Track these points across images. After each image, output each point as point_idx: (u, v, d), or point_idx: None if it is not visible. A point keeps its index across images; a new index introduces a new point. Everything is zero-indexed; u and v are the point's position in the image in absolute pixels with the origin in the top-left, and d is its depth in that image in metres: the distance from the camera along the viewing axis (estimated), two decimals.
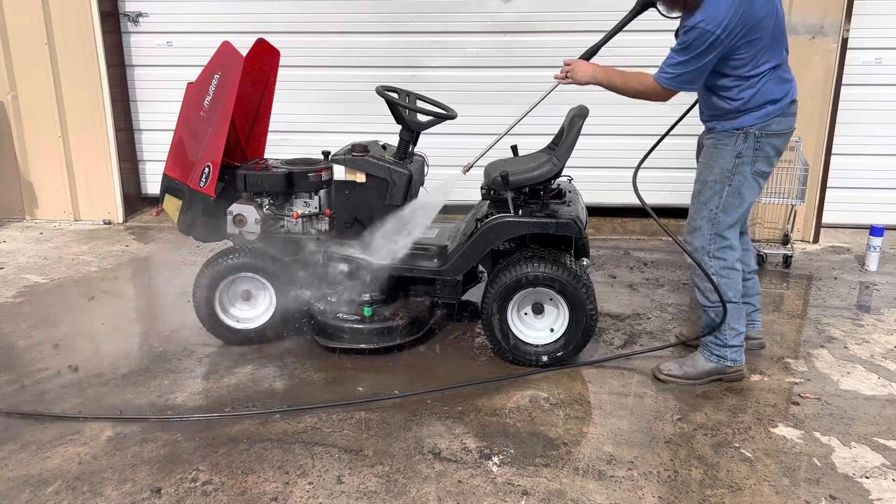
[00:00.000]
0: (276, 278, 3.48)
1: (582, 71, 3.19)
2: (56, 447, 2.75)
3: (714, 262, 3.05)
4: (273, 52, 3.77)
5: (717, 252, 3.04)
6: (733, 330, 3.12)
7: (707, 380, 3.20)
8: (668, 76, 2.94)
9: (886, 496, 2.49)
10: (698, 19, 2.75)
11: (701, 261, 3.07)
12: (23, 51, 5.51)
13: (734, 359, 3.16)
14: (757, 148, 2.94)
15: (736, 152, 2.96)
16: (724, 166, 2.98)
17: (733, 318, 3.09)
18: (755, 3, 2.74)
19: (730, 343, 3.13)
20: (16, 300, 4.21)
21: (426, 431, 2.86)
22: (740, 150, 2.95)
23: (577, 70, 3.20)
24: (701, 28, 2.75)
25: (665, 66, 2.92)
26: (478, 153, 3.47)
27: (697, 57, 2.82)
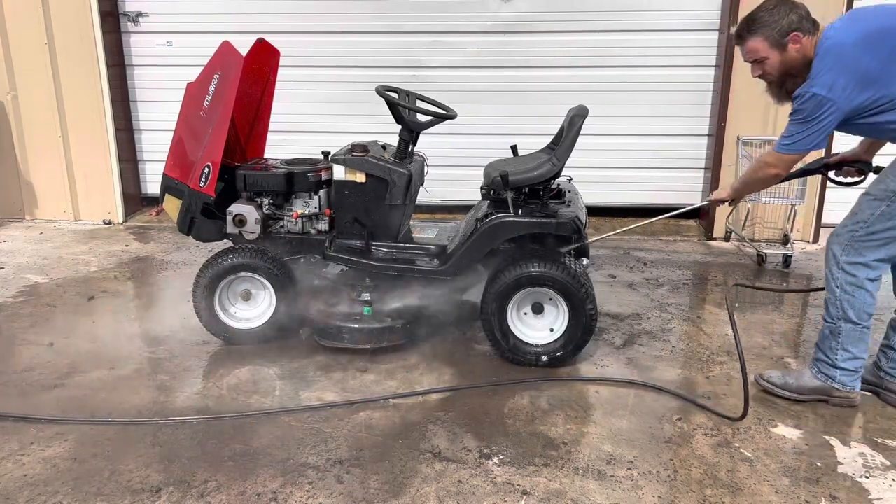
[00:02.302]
0: (275, 278, 3.48)
1: (721, 193, 3.27)
2: (55, 447, 2.75)
3: (841, 275, 2.85)
4: (273, 52, 3.77)
5: (847, 265, 2.84)
6: (847, 352, 2.90)
7: (810, 397, 3.02)
8: (788, 143, 2.79)
9: (886, 496, 2.49)
10: (806, 86, 2.69)
11: (829, 269, 2.91)
12: (23, 51, 5.51)
13: (843, 382, 2.95)
14: None
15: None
16: (892, 185, 2.74)
17: (849, 339, 2.89)
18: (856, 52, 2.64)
19: (840, 365, 2.92)
20: (16, 300, 4.21)
21: (426, 431, 2.86)
22: None
23: (719, 194, 3.29)
24: (810, 93, 2.67)
25: (784, 135, 2.82)
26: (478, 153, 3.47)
27: (815, 121, 2.69)
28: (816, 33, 2.74)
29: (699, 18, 5.35)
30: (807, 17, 2.75)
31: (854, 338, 2.90)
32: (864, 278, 2.83)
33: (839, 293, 2.87)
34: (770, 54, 2.77)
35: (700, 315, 4.05)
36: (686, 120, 5.53)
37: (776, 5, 2.75)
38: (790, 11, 2.73)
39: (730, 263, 4.91)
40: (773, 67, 2.79)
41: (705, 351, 3.58)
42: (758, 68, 2.84)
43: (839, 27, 2.73)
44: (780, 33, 2.72)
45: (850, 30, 2.70)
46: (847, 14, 2.80)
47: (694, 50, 5.41)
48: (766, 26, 2.73)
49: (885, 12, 2.76)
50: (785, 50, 2.74)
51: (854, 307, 2.86)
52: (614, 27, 5.41)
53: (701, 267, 4.86)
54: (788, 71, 2.78)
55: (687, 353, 3.57)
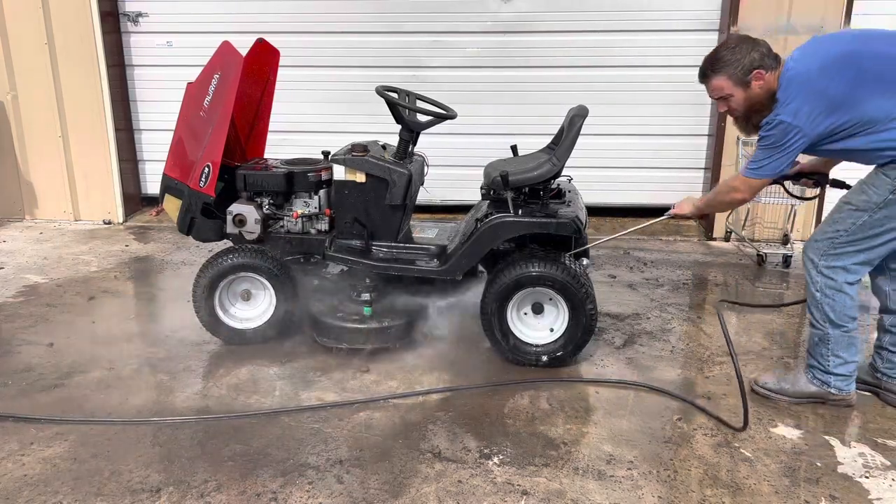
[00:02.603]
0: (275, 278, 3.48)
1: (685, 206, 3.25)
2: (55, 447, 2.75)
3: (820, 279, 2.87)
4: (273, 52, 3.77)
5: (825, 268, 2.86)
6: (838, 357, 2.92)
7: (807, 401, 3.03)
8: (756, 168, 2.84)
9: (886, 496, 2.49)
10: (779, 114, 2.72)
11: (808, 274, 2.93)
12: (23, 51, 5.51)
13: (838, 387, 2.96)
14: None
15: (893, 187, 2.70)
16: (874, 197, 2.74)
17: (839, 345, 2.90)
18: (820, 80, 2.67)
19: (833, 370, 2.94)
20: (16, 300, 4.21)
21: (426, 431, 2.86)
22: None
23: (682, 206, 3.26)
24: (777, 121, 2.71)
25: (752, 160, 2.86)
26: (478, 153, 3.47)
27: (782, 147, 2.74)
28: (779, 67, 2.78)
29: (699, 18, 5.35)
30: (768, 53, 2.79)
31: (843, 343, 2.92)
32: (843, 282, 2.86)
33: (819, 297, 2.90)
34: (734, 91, 2.82)
35: (700, 315, 4.05)
36: (686, 120, 5.53)
37: (738, 44, 2.80)
38: (752, 49, 2.77)
39: (730, 263, 4.91)
40: (738, 104, 2.85)
41: (705, 351, 3.58)
42: (723, 105, 2.90)
43: (799, 57, 2.77)
44: (743, 71, 2.77)
45: (812, 57, 2.74)
46: (805, 44, 2.84)
47: (694, 50, 5.36)
48: (729, 65, 2.78)
49: (844, 38, 2.84)
50: (749, 87, 2.79)
51: (835, 310, 2.88)
52: (614, 27, 5.41)
53: (701, 267, 4.86)
54: (753, 107, 2.84)
55: (687, 353, 3.57)
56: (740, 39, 2.82)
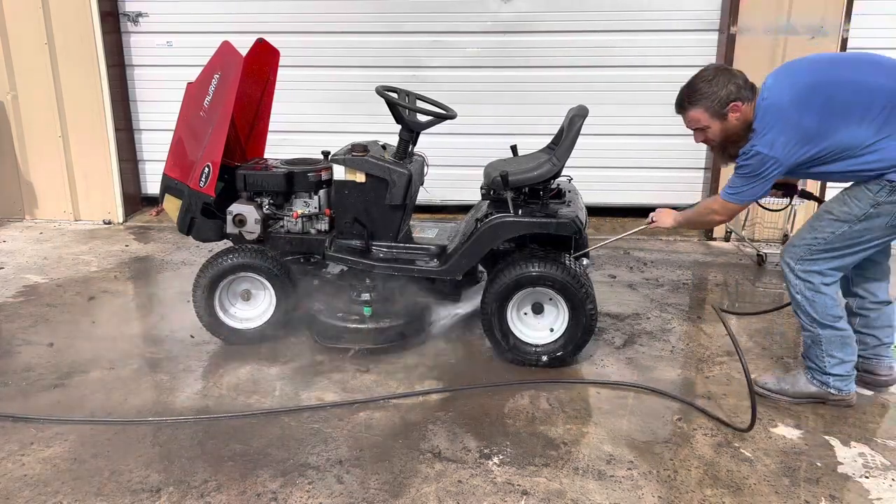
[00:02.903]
0: (275, 278, 3.48)
1: (665, 218, 3.24)
2: (55, 447, 2.75)
3: (798, 283, 2.90)
4: (273, 52, 3.77)
5: (801, 272, 2.88)
6: (834, 358, 2.93)
7: (807, 401, 3.03)
8: (733, 193, 2.88)
9: (886, 496, 2.49)
10: (755, 144, 2.74)
11: (786, 279, 2.96)
12: (23, 51, 5.50)
13: (837, 387, 2.96)
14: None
15: (875, 201, 2.72)
16: (855, 210, 2.76)
17: (832, 345, 2.91)
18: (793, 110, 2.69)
19: (829, 371, 2.94)
20: (16, 300, 4.21)
21: (426, 431, 2.86)
22: (880, 201, 2.71)
23: (662, 217, 3.25)
24: (754, 152, 2.74)
25: (730, 185, 2.90)
26: (478, 153, 3.48)
27: (759, 176, 2.78)
28: (755, 98, 2.80)
29: (699, 18, 5.35)
30: (745, 84, 2.80)
31: (836, 343, 2.93)
32: (820, 283, 2.88)
33: (801, 299, 2.92)
34: (711, 123, 2.84)
35: (700, 315, 4.05)
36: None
37: (715, 76, 2.81)
38: (728, 82, 2.78)
39: (730, 263, 4.91)
40: (715, 135, 2.87)
41: (705, 351, 3.58)
42: (700, 135, 2.93)
43: (772, 85, 2.79)
44: (720, 104, 2.79)
45: (783, 88, 2.76)
46: (778, 71, 2.86)
47: (694, 50, 5.40)
48: (706, 98, 2.80)
49: (813, 66, 2.84)
50: (725, 119, 2.81)
51: (818, 311, 2.90)
52: (614, 27, 5.40)
53: (701, 267, 4.86)
54: (729, 137, 2.87)
55: (687, 353, 3.57)
56: (717, 71, 2.83)
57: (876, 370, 3.14)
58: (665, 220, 3.23)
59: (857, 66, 2.80)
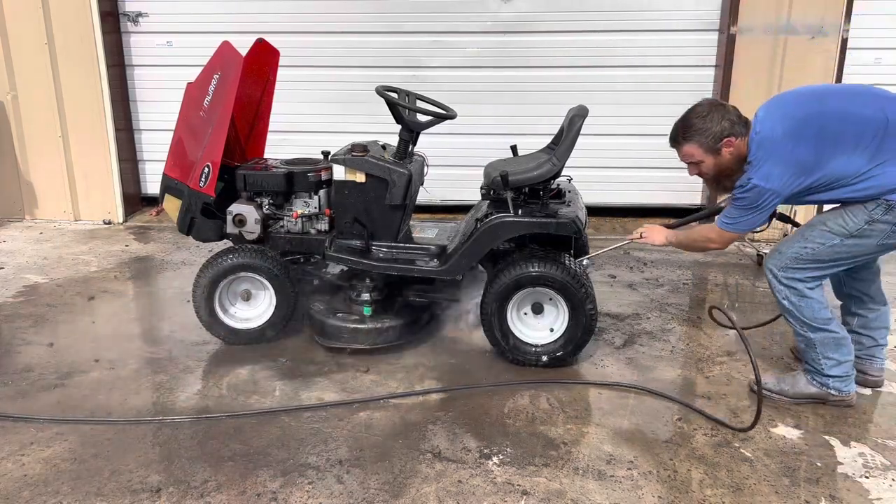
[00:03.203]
0: (275, 278, 3.48)
1: (657, 235, 3.24)
2: (55, 447, 2.75)
3: (783, 289, 2.92)
4: (273, 52, 3.77)
5: (785, 279, 2.91)
6: (830, 359, 2.93)
7: (807, 401, 3.03)
8: (731, 223, 2.91)
9: (886, 496, 2.49)
10: (752, 177, 2.77)
11: (771, 286, 2.97)
12: (23, 51, 5.50)
13: (837, 388, 2.97)
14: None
15: (870, 219, 2.75)
16: (850, 225, 2.78)
17: (827, 347, 2.92)
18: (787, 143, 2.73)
19: (827, 372, 2.95)
20: (16, 300, 4.21)
21: (426, 431, 2.86)
22: (875, 219, 2.74)
23: (653, 234, 3.25)
24: (751, 184, 2.77)
25: (728, 214, 2.92)
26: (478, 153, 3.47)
27: (757, 207, 2.82)
28: (748, 132, 2.83)
29: (699, 18, 5.35)
30: (738, 120, 2.83)
31: (830, 345, 2.94)
32: (804, 288, 2.90)
33: (787, 305, 2.94)
34: (704, 158, 2.87)
35: (700, 315, 4.05)
36: None
37: (709, 112, 2.84)
38: (722, 118, 2.81)
39: (730, 263, 4.91)
40: (709, 169, 2.90)
41: (705, 351, 3.58)
42: (694, 168, 2.96)
43: (764, 118, 2.82)
44: (714, 139, 2.81)
45: (775, 121, 2.78)
46: (769, 103, 2.89)
47: (694, 50, 5.41)
48: (700, 133, 2.83)
49: (804, 98, 2.88)
50: (719, 154, 2.84)
51: (806, 315, 2.91)
52: (614, 27, 5.41)
53: (701, 267, 4.86)
54: (723, 172, 2.90)
55: (687, 353, 3.57)
56: (711, 107, 2.86)
57: (868, 370, 3.16)
58: (656, 238, 3.24)
59: (844, 97, 2.87)
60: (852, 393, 3.00)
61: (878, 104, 2.76)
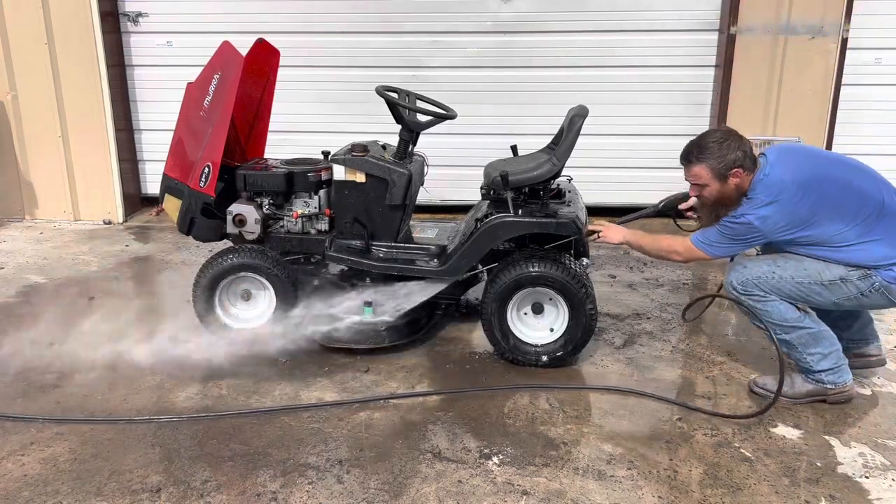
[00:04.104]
0: (275, 278, 3.47)
1: (614, 234, 3.28)
2: (55, 447, 2.75)
3: (745, 298, 2.96)
4: (273, 52, 3.77)
5: (743, 290, 2.95)
6: (815, 354, 2.95)
7: (807, 400, 3.03)
8: (706, 244, 2.99)
9: (886, 496, 2.49)
10: (748, 213, 2.83)
11: (731, 294, 2.99)
12: (23, 51, 5.50)
13: (832, 381, 2.98)
14: (865, 294, 2.85)
15: (846, 276, 2.85)
16: (825, 274, 2.86)
17: (806, 344, 2.94)
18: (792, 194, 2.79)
19: (816, 368, 2.96)
20: (16, 300, 4.21)
21: (426, 431, 2.86)
22: (850, 279, 2.84)
23: (610, 232, 3.29)
24: (745, 219, 2.84)
25: (706, 234, 2.98)
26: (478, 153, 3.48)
27: (739, 241, 2.91)
28: (754, 171, 2.87)
29: (699, 18, 5.35)
30: (749, 154, 2.87)
31: (809, 341, 2.95)
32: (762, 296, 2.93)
33: (757, 310, 2.96)
34: (711, 182, 2.89)
35: (700, 315, 4.04)
36: (686, 120, 5.53)
37: (726, 138, 2.87)
38: (737, 147, 2.84)
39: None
40: (711, 194, 2.93)
41: (705, 351, 3.58)
42: (696, 190, 2.98)
43: (775, 163, 2.87)
44: (726, 167, 2.84)
45: (786, 169, 2.84)
46: (778, 152, 2.94)
47: (694, 50, 5.41)
48: (714, 158, 2.85)
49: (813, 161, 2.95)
50: (726, 182, 2.87)
51: (775, 318, 2.94)
52: (614, 27, 5.40)
53: (701, 267, 4.86)
54: (722, 200, 2.93)
55: (687, 353, 3.57)
56: (730, 134, 2.89)
57: (866, 351, 3.21)
58: (613, 236, 3.27)
59: (850, 169, 2.93)
60: (849, 383, 3.01)
61: (877, 185, 2.88)
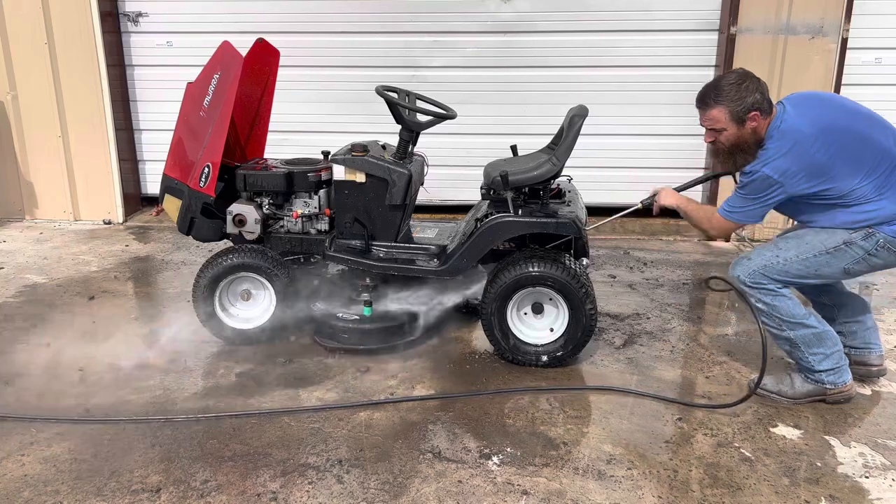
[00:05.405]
0: (275, 278, 3.48)
1: (668, 197, 3.25)
2: (55, 447, 2.75)
3: (754, 292, 2.93)
4: (273, 52, 3.77)
5: (752, 283, 2.93)
6: (817, 354, 2.94)
7: (806, 400, 3.02)
8: (730, 211, 2.93)
9: (886, 496, 2.49)
10: (758, 164, 2.78)
11: (740, 291, 2.97)
12: (23, 51, 5.51)
13: (832, 381, 2.97)
14: (871, 253, 2.81)
15: (849, 239, 2.82)
16: (828, 241, 2.84)
17: (809, 344, 2.93)
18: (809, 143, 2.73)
19: (817, 368, 2.95)
20: (16, 300, 4.21)
21: (426, 431, 2.86)
22: (854, 241, 2.81)
23: (663, 195, 3.27)
24: (761, 173, 2.77)
25: (729, 202, 2.94)
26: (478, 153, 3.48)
27: (760, 199, 2.83)
28: (771, 115, 2.83)
29: (699, 18, 5.35)
30: (767, 97, 2.83)
31: (813, 341, 2.94)
32: (775, 288, 2.92)
33: (763, 307, 2.94)
34: (728, 126, 2.84)
35: (700, 315, 4.05)
36: (686, 120, 5.45)
37: (743, 80, 2.82)
38: (755, 90, 2.80)
39: (730, 263, 4.90)
40: (728, 139, 2.87)
41: (705, 351, 3.58)
42: (712, 135, 2.92)
43: (794, 113, 2.81)
44: (744, 110, 2.79)
45: (803, 118, 2.80)
46: (797, 99, 2.89)
47: (694, 50, 5.41)
48: (732, 100, 2.80)
49: (834, 107, 2.90)
50: (743, 125, 2.82)
51: (782, 314, 2.92)
52: (614, 27, 5.40)
53: (701, 267, 4.86)
54: (739, 146, 2.87)
55: (687, 353, 3.57)
56: (746, 75, 2.84)
57: (868, 360, 3.18)
58: (667, 199, 3.23)
59: (868, 121, 2.87)
60: (848, 383, 3.01)
61: (893, 138, 2.82)
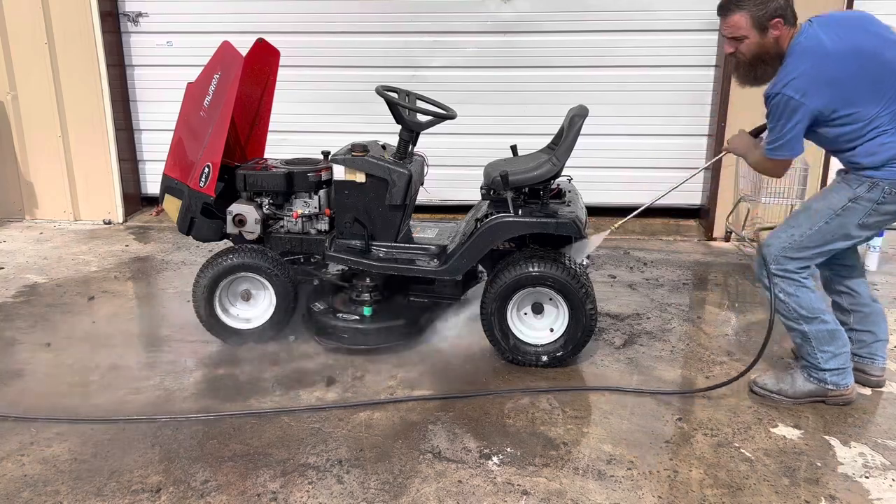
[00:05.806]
0: (275, 278, 3.47)
1: (740, 143, 3.11)
2: (55, 447, 2.75)
3: (778, 280, 2.90)
4: (273, 52, 3.77)
5: (779, 270, 2.89)
6: (825, 352, 2.92)
7: (806, 400, 3.02)
8: (771, 148, 2.83)
9: (886, 496, 2.49)
10: (777, 86, 2.71)
11: (762, 281, 2.96)
12: (23, 51, 5.50)
13: (835, 382, 2.96)
14: (880, 202, 2.75)
15: (854, 195, 2.78)
16: (834, 203, 2.81)
17: (821, 341, 2.91)
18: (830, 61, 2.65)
19: (823, 366, 2.94)
20: (16, 300, 4.21)
21: (426, 431, 2.86)
22: (859, 196, 2.77)
23: (736, 141, 3.13)
24: (781, 95, 2.69)
25: (766, 139, 2.87)
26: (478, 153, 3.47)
27: (785, 122, 2.72)
28: (794, 27, 2.75)
29: (699, 18, 5.34)
30: (791, 6, 2.74)
31: (825, 337, 2.93)
32: (799, 277, 2.90)
33: (783, 297, 2.92)
34: (750, 34, 2.75)
35: (700, 315, 4.05)
36: (686, 120, 5.53)
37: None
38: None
39: (730, 263, 4.91)
40: (749, 48, 2.78)
41: (705, 351, 3.58)
42: (733, 45, 2.82)
43: (818, 30, 2.71)
44: (767, 15, 2.70)
45: (829, 36, 2.69)
46: (820, 19, 2.78)
47: (694, 50, 5.41)
48: (755, 5, 2.71)
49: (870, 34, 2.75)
50: (765, 33, 2.73)
51: (803, 306, 2.90)
52: (614, 27, 5.40)
53: (701, 267, 4.86)
54: (761, 56, 2.78)
55: (687, 353, 3.57)
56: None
57: (869, 370, 3.16)
58: (740, 147, 3.09)
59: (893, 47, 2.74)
60: (850, 386, 3.00)
61: None
